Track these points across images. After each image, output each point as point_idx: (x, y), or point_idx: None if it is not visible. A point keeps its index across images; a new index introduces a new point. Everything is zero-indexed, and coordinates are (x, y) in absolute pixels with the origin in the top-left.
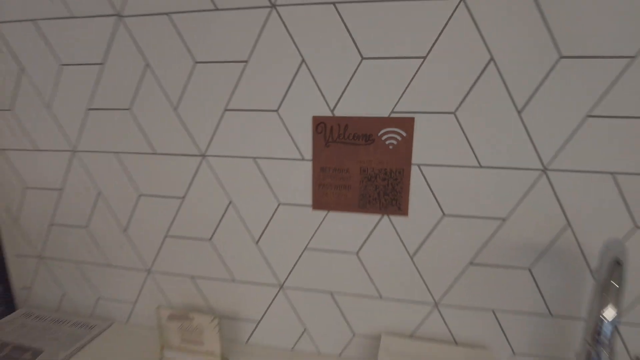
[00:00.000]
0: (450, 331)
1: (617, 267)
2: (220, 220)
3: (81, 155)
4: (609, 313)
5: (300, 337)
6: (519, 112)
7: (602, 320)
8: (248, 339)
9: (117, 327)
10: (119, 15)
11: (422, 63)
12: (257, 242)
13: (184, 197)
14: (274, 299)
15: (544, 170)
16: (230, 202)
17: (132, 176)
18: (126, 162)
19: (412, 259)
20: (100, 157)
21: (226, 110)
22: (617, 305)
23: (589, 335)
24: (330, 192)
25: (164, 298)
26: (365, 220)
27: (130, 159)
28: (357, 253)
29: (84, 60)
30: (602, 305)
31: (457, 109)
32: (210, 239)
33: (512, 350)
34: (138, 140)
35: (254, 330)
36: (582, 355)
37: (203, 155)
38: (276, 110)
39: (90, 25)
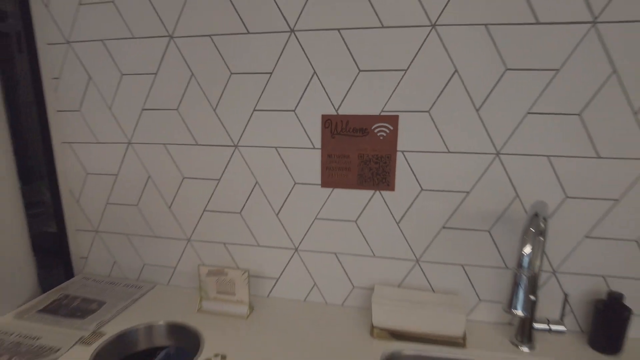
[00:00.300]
0: (428, 282)
1: (535, 218)
2: (248, 197)
3: (135, 147)
4: (527, 249)
5: (310, 291)
6: (477, 110)
7: (522, 255)
8: (269, 293)
9: (160, 288)
10: (170, 37)
11: (404, 74)
12: (278, 214)
13: (219, 179)
14: (290, 260)
15: (497, 154)
16: (256, 183)
17: (177, 163)
18: (173, 151)
19: (398, 224)
20: (151, 148)
21: (255, 110)
22: (532, 244)
23: (515, 265)
24: (335, 174)
25: (200, 262)
26: (362, 195)
27: (176, 149)
28: (356, 221)
29: (140, 70)
30: (523, 244)
31: (430, 108)
32: (240, 212)
33: (478, 296)
34: (183, 134)
35: (274, 285)
36: (512, 278)
37: (236, 146)
38: (293, 110)
39: (147, 44)
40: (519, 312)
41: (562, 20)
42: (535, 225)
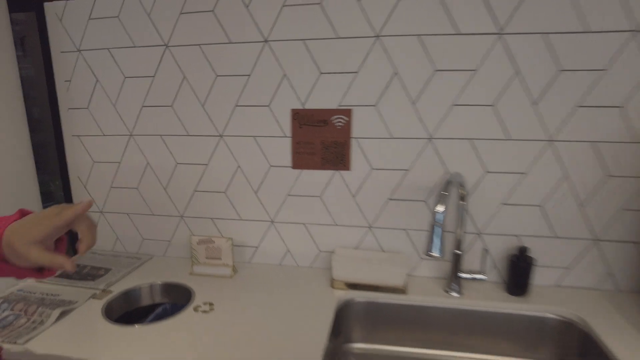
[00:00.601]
0: (379, 244)
1: (448, 184)
2: (231, 179)
3: (136, 138)
4: (439, 208)
5: (284, 256)
6: (413, 104)
7: (435, 212)
8: (250, 260)
9: (157, 258)
10: (166, 45)
11: (356, 76)
12: (256, 192)
13: (207, 164)
14: (267, 231)
15: (430, 138)
16: (238, 166)
17: (171, 151)
18: (168, 141)
19: (354, 198)
20: (149, 139)
21: (236, 106)
22: (444, 204)
23: (432, 219)
24: (303, 157)
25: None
26: (325, 175)
27: (171, 139)
28: (320, 196)
29: (140, 74)
30: (437, 204)
31: (377, 103)
32: (225, 191)
33: (419, 255)
34: (177, 126)
35: (254, 253)
36: (429, 229)
37: (221, 136)
38: (268, 106)
39: (146, 52)
40: (434, 254)
41: (477, 32)
42: (446, 190)
